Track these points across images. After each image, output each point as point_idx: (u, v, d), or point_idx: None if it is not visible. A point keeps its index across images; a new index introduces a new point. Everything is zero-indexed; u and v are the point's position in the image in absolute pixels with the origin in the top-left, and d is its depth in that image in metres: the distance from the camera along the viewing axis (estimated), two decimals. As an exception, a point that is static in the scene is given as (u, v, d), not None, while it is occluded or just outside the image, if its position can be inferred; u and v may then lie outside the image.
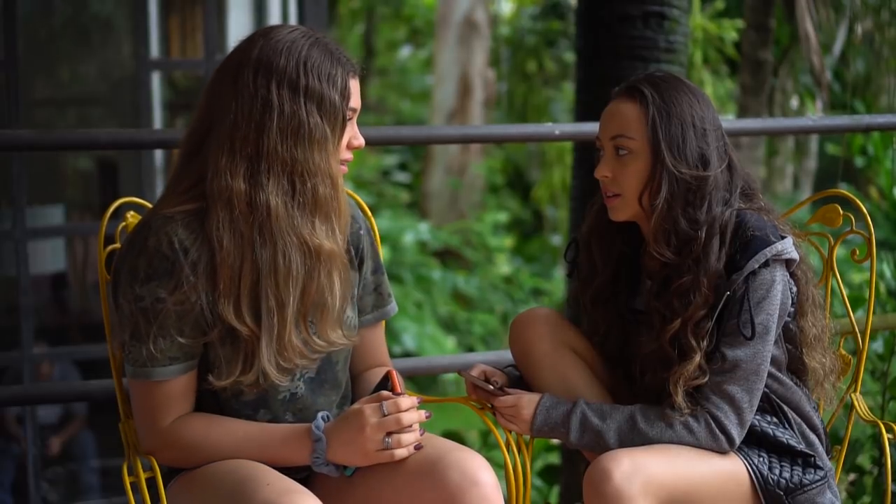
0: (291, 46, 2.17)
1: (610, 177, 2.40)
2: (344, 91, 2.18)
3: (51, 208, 6.70)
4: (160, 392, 2.19)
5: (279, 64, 2.15)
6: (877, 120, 4.05)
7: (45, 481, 6.27)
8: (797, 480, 2.34)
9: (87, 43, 7.30)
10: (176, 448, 2.21)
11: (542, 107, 13.93)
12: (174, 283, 2.14)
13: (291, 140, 2.14)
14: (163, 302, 2.14)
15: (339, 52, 2.21)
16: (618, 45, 4.05)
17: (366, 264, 2.40)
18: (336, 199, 2.19)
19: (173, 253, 2.14)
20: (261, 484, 2.09)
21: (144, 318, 2.15)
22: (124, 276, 2.18)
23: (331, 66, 2.18)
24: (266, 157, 2.13)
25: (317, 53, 2.18)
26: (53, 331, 6.87)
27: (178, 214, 2.17)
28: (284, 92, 2.14)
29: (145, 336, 2.15)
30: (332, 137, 2.17)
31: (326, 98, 2.16)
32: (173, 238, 2.14)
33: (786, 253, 2.34)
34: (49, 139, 3.18)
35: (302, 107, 2.14)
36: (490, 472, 2.15)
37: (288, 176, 2.14)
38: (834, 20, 8.46)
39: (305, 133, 2.14)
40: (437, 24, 13.87)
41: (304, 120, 2.14)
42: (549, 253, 13.41)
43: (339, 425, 2.17)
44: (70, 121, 7.50)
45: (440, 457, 2.16)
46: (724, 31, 9.11)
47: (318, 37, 2.22)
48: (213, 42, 5.57)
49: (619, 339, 2.52)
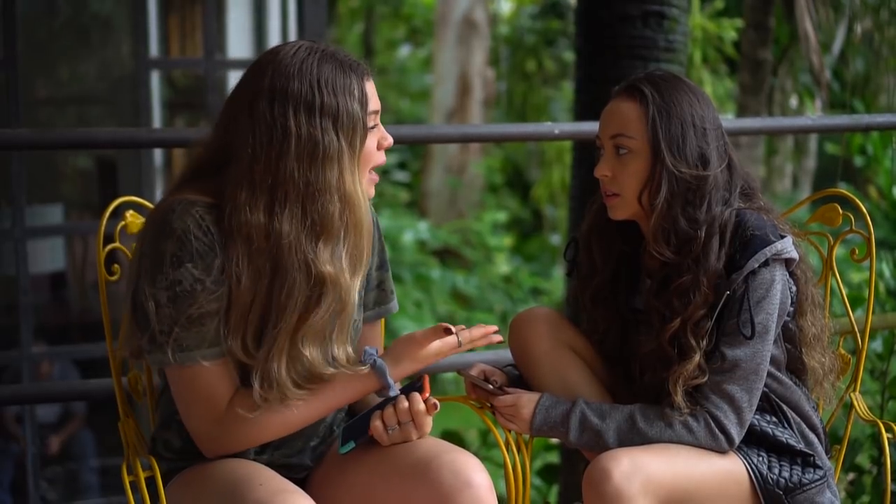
0: (302, 66, 2.13)
1: (610, 176, 2.40)
2: (362, 98, 2.15)
3: (50, 207, 6.69)
4: (215, 374, 2.13)
5: (294, 88, 2.11)
6: (876, 119, 4.05)
7: (45, 480, 6.27)
8: (797, 480, 2.34)
9: (87, 42, 7.30)
10: (237, 432, 2.16)
11: (542, 106, 13.93)
12: (208, 263, 2.10)
13: (307, 163, 2.10)
14: (201, 282, 2.10)
15: (349, 59, 2.18)
16: (617, 45, 4.05)
17: (371, 260, 2.37)
18: (349, 217, 2.13)
19: (203, 233, 2.11)
20: (254, 484, 2.08)
21: (185, 301, 2.09)
22: (149, 266, 2.12)
23: (344, 76, 2.14)
24: (283, 185, 2.09)
25: (328, 68, 2.14)
26: (53, 330, 6.86)
27: (199, 201, 2.14)
28: (301, 116, 2.10)
29: (190, 319, 2.09)
30: (349, 150, 2.13)
31: (343, 111, 2.12)
32: (200, 221, 2.11)
33: (785, 252, 2.34)
34: (48, 138, 3.18)
35: (318, 127, 2.10)
36: (484, 474, 2.14)
37: (301, 200, 2.10)
38: (833, 19, 8.46)
39: (320, 153, 2.10)
40: (437, 24, 13.86)
41: (318, 140, 2.10)
42: (549, 252, 13.40)
43: (398, 345, 2.23)
44: (69, 120, 7.49)
45: (434, 457, 2.16)
46: (724, 31, 9.10)
47: (324, 49, 2.18)
48: (212, 41, 5.57)
49: (619, 338, 2.52)
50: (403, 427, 2.20)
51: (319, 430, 2.35)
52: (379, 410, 2.22)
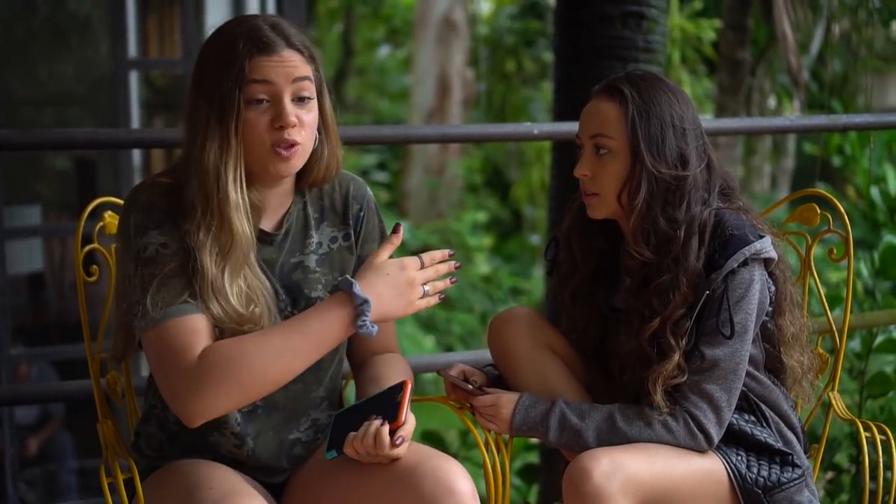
0: (212, 38, 2.19)
1: (589, 175, 2.40)
2: (238, 75, 2.11)
3: (28, 208, 6.66)
4: (182, 330, 2.09)
5: (196, 61, 2.20)
6: (854, 119, 4.07)
7: (23, 482, 6.23)
8: (775, 479, 2.35)
9: (65, 42, 7.26)
10: (212, 376, 2.06)
11: (521, 106, 13.94)
12: (170, 229, 2.13)
13: (189, 133, 2.16)
14: (166, 247, 2.13)
15: (257, 31, 2.14)
16: (596, 45, 4.06)
17: (367, 246, 2.36)
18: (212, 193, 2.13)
19: (165, 204, 2.15)
20: (205, 488, 2.08)
21: (152, 265, 2.11)
22: (123, 242, 2.17)
23: (230, 49, 2.13)
24: (184, 158, 2.18)
25: (225, 39, 2.16)
26: (31, 331, 6.82)
27: (162, 181, 2.19)
28: (192, 89, 2.17)
29: (156, 282, 2.10)
30: (221, 128, 2.12)
31: (217, 87, 2.13)
32: (163, 194, 2.16)
33: (764, 252, 2.34)
34: (27, 139, 3.17)
35: (196, 98, 2.16)
36: (467, 480, 2.12)
37: (189, 169, 2.16)
38: (811, 20, 8.50)
39: (195, 124, 2.14)
40: (416, 24, 13.86)
41: (194, 110, 2.15)
42: (528, 252, 13.41)
43: (383, 281, 2.12)
44: (48, 120, 7.45)
45: (417, 464, 2.13)
46: (702, 31, 9.13)
47: (251, 19, 2.19)
48: (191, 41, 5.56)
49: (598, 337, 2.53)
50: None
51: (301, 425, 2.33)
52: (353, 433, 2.14)
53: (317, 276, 2.30)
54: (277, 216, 2.29)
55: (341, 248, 2.34)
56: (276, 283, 2.25)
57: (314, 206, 2.33)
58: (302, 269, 2.29)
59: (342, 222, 2.35)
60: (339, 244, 2.34)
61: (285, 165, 2.17)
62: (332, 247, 2.33)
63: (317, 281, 2.29)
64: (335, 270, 2.32)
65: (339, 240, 2.35)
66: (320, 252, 2.32)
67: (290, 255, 2.28)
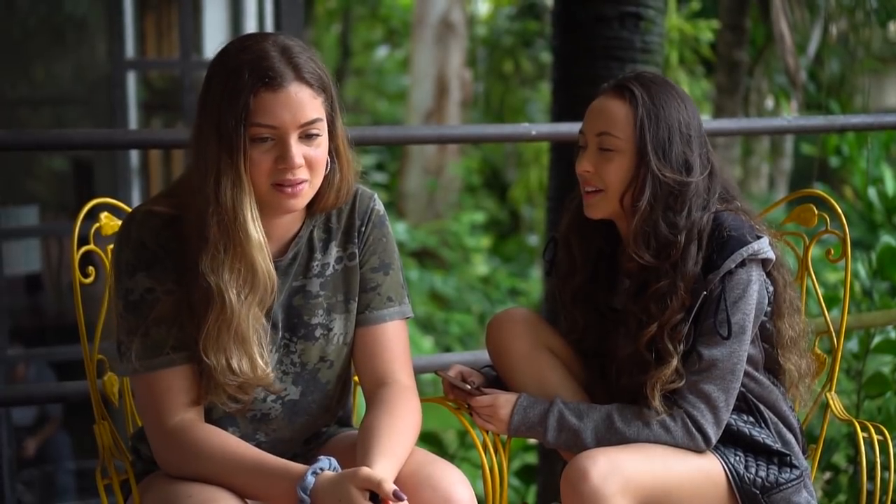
0: (218, 60, 2.10)
1: (592, 171, 2.39)
2: (243, 111, 2.02)
3: (25, 209, 6.65)
4: (162, 384, 2.09)
5: (203, 88, 2.10)
6: (851, 120, 4.07)
7: (21, 483, 6.23)
8: (773, 479, 2.35)
9: (62, 43, 7.26)
10: (176, 452, 2.09)
11: (519, 107, 13.94)
12: (160, 272, 2.09)
13: (211, 178, 2.05)
14: (151, 292, 2.09)
15: (263, 61, 2.05)
16: (594, 46, 4.06)
17: (368, 262, 2.30)
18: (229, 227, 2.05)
19: (158, 244, 2.10)
20: (183, 497, 2.06)
21: (137, 311, 2.09)
22: (114, 274, 2.14)
23: (235, 79, 2.04)
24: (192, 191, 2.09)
25: (230, 65, 2.06)
26: (28, 332, 6.82)
27: (160, 212, 2.13)
28: (198, 117, 2.09)
29: (140, 329, 2.08)
30: (232, 165, 2.03)
31: (223, 118, 2.03)
32: (158, 231, 2.10)
33: (762, 252, 2.34)
34: (24, 139, 3.16)
35: (203, 130, 2.07)
36: (465, 487, 2.10)
37: (196, 201, 2.08)
38: (809, 21, 8.50)
39: (211, 164, 2.04)
40: (414, 25, 13.85)
41: (201, 143, 2.07)
42: (526, 253, 13.41)
43: (329, 493, 1.97)
44: (45, 121, 7.45)
45: (413, 472, 2.11)
46: (700, 32, 9.12)
47: (259, 42, 2.08)
48: (188, 41, 5.54)
49: (597, 337, 2.52)
50: None
51: (308, 443, 2.33)
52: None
53: (318, 301, 2.25)
54: (283, 241, 2.23)
55: (347, 269, 2.28)
56: (277, 308, 2.21)
57: (321, 228, 2.28)
58: (304, 293, 2.24)
59: (348, 241, 2.29)
60: (345, 264, 2.29)
61: (292, 202, 2.11)
62: (338, 267, 2.28)
63: (318, 306, 2.25)
64: (339, 292, 2.27)
65: (344, 259, 2.29)
66: (326, 274, 2.26)
67: (293, 279, 2.24)
